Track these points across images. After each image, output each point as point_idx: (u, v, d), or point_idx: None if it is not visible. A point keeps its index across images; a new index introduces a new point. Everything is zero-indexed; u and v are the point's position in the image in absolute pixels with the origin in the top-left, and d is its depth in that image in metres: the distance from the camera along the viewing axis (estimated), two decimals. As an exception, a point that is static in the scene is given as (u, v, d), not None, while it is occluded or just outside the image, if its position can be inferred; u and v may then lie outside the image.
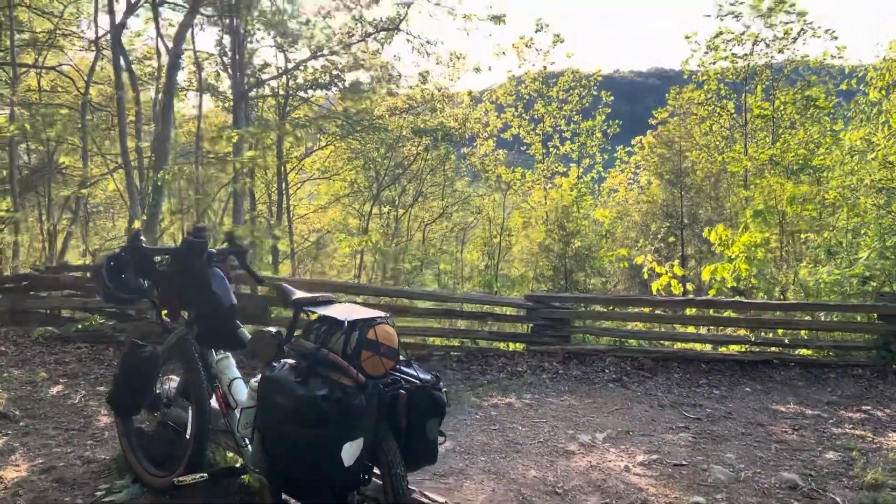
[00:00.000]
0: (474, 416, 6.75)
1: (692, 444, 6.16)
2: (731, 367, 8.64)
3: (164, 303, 4.25)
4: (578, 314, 9.26)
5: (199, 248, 4.06)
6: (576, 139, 27.79)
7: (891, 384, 8.01)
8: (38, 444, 5.36)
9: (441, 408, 3.24)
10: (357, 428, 3.04)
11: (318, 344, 3.30)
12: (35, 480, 4.68)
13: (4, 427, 5.71)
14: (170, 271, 4.20)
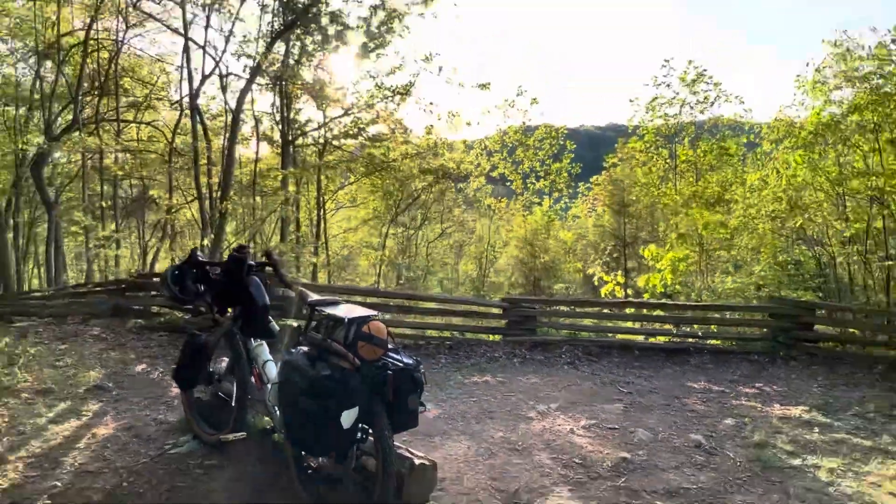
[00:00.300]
0: (458, 391, 6.79)
1: (623, 412, 6.19)
2: (657, 354, 8.66)
3: (215, 303, 4.32)
4: (542, 313, 9.31)
5: (240, 262, 4.12)
6: (548, 177, 27.89)
7: (778, 367, 8.03)
8: (124, 408, 5.42)
9: (419, 385, 3.29)
10: (353, 400, 3.09)
11: (325, 335, 3.36)
12: (120, 436, 4.73)
13: (100, 395, 5.76)
14: (220, 279, 4.27)
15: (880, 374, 7.50)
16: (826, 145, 9.44)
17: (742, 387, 7.28)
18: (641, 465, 4.80)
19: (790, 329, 8.21)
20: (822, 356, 8.13)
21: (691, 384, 7.37)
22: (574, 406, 6.29)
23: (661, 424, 5.80)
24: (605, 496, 4.23)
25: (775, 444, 5.29)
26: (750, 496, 4.35)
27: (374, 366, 3.15)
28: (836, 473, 4.75)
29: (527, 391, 6.83)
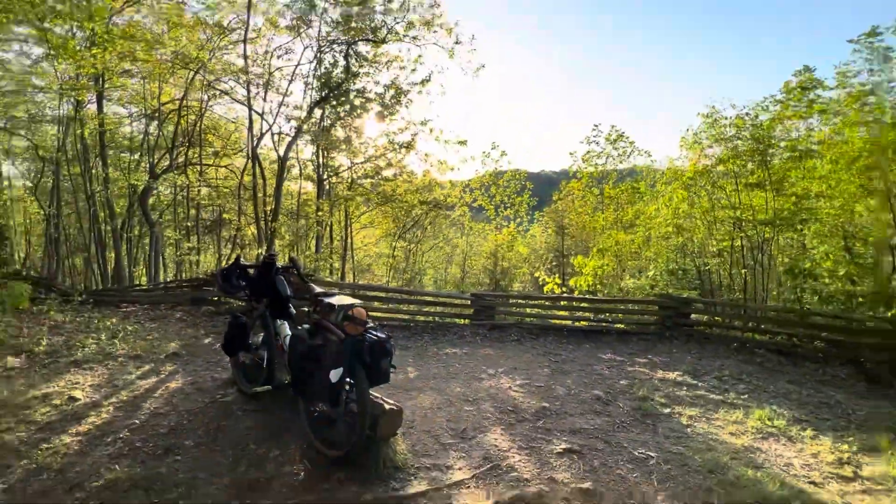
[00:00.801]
0: (433, 359, 6.79)
1: (549, 375, 6.21)
2: (580, 334, 8.66)
3: (252, 293, 4.39)
4: (499, 304, 9.31)
5: (269, 265, 4.21)
6: (513, 207, 28.05)
7: (664, 344, 8.05)
8: (191, 369, 5.46)
9: (389, 353, 3.36)
10: (338, 362, 3.16)
11: (322, 317, 3.44)
12: (185, 388, 4.77)
13: (175, 360, 5.80)
14: (256, 277, 4.35)
15: (735, 350, 7.57)
16: (701, 187, 9.59)
17: (637, 357, 7.33)
18: (556, 412, 4.87)
19: (673, 317, 8.29)
20: (696, 336, 8.19)
21: (601, 355, 7.41)
22: (515, 370, 6.33)
23: (574, 384, 5.84)
24: (527, 433, 4.30)
25: (654, 398, 5.36)
26: (630, 434, 4.42)
27: (355, 338, 3.24)
28: (694, 419, 4.83)
29: (483, 360, 6.86)
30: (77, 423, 3.89)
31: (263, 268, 4.24)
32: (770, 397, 5.69)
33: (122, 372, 5.17)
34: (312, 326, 3.37)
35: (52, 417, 3.95)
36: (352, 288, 9.58)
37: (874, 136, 8.46)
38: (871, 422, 4.96)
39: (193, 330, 7.63)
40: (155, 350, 6.09)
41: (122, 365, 5.42)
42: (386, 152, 17.25)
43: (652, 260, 11.25)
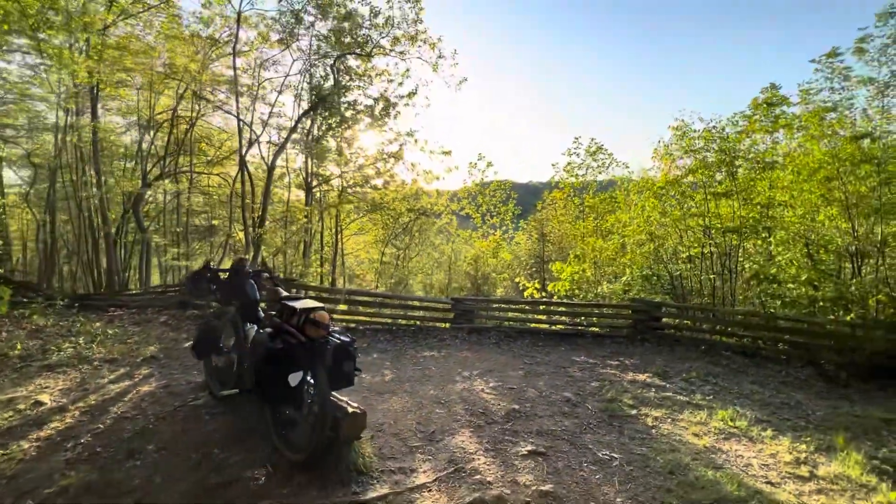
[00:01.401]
0: (410, 362, 6.66)
1: (523, 377, 6.10)
2: (556, 337, 8.59)
3: (223, 297, 4.23)
4: (478, 308, 9.20)
5: (239, 269, 4.06)
6: (498, 216, 28.13)
7: (636, 347, 7.99)
8: (166, 373, 5.27)
9: (352, 356, 3.22)
10: (298, 365, 3.02)
11: (285, 320, 3.30)
12: (157, 392, 4.59)
13: (152, 363, 5.61)
14: (226, 281, 4.20)
15: (703, 352, 7.52)
16: (671, 196, 9.59)
17: (609, 360, 7.24)
18: (525, 413, 4.75)
19: (645, 320, 8.23)
20: (667, 339, 8.14)
21: (575, 358, 7.32)
22: (489, 373, 6.21)
23: (546, 386, 5.73)
24: (495, 435, 4.17)
25: (622, 399, 5.26)
26: (597, 435, 4.31)
27: (317, 342, 3.10)
28: (659, 420, 4.74)
29: (459, 362, 6.73)
30: (39, 428, 3.69)
31: (233, 272, 4.09)
32: (734, 398, 5.62)
33: (95, 376, 4.96)
34: (273, 330, 3.23)
35: (13, 422, 3.75)
36: (334, 292, 9.41)
37: (833, 148, 8.53)
38: (829, 421, 4.91)
39: (175, 333, 7.41)
40: (133, 353, 5.87)
41: (97, 369, 5.21)
42: (375, 162, 17.18)
43: (627, 266, 11.21)
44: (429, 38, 11.52)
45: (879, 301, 7.56)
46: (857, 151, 8.54)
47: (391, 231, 19.09)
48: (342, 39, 11.32)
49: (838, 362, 6.42)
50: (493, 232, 27.84)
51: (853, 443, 4.34)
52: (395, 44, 11.92)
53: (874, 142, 8.56)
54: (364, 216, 19.99)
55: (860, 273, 8.25)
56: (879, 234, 8.43)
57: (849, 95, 9.87)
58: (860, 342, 6.49)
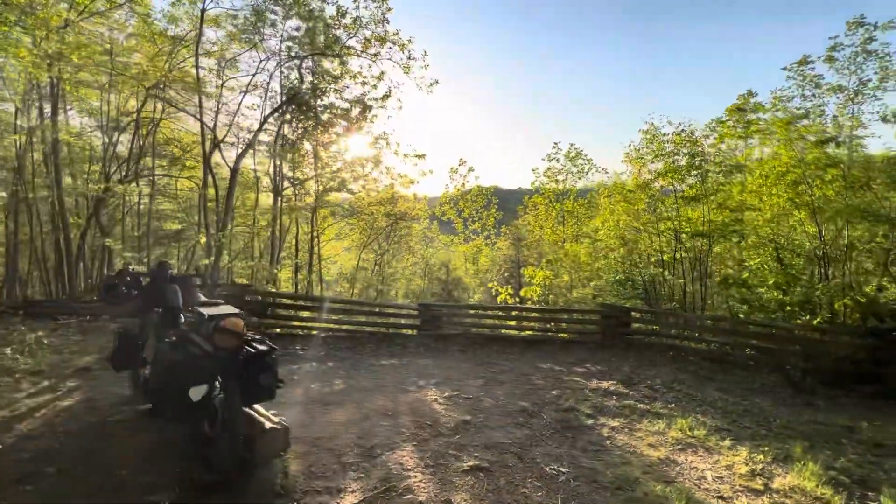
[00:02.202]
0: (367, 371, 6.37)
1: (482, 386, 5.87)
2: (525, 343, 8.40)
3: (145, 304, 3.93)
4: (446, 314, 8.96)
5: (161, 274, 3.77)
6: (479, 221, 28.06)
7: (605, 352, 7.82)
8: (95, 385, 4.93)
9: (269, 368, 2.97)
10: (201, 378, 2.75)
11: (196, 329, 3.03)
12: (76, 407, 4.26)
13: (83, 376, 5.25)
14: (147, 286, 3.90)
15: (671, 358, 7.39)
16: (641, 200, 9.51)
17: (575, 366, 7.06)
18: (477, 425, 4.51)
19: (614, 326, 8.08)
20: (636, 345, 8.00)
21: (541, 365, 7.12)
22: (448, 381, 5.96)
23: (505, 395, 5.51)
24: (438, 449, 3.92)
25: (580, 408, 5.06)
26: (548, 448, 4.09)
27: (227, 352, 2.83)
28: (616, 430, 4.54)
29: (419, 371, 6.47)
30: (-75, 449, 3.33)
31: (154, 277, 3.79)
32: (697, 406, 5.46)
33: (13, 390, 4.59)
34: (178, 340, 2.95)
35: None
36: (293, 298, 9.10)
37: (799, 152, 8.53)
38: (790, 429, 4.76)
39: (121, 343, 7.01)
40: (64, 365, 5.50)
41: (17, 381, 4.83)
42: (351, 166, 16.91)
43: (601, 271, 11.10)
44: (399, 39, 11.36)
45: (846, 305, 7.53)
46: (823, 156, 8.56)
47: (368, 236, 18.79)
48: (313, 40, 11.09)
49: (804, 368, 6.32)
50: (476, 237, 27.81)
51: (812, 452, 4.19)
52: (366, 46, 11.72)
53: (839, 146, 8.59)
54: (341, 221, 19.69)
55: (828, 277, 8.23)
56: (846, 238, 8.43)
57: (819, 103, 9.93)
58: (826, 347, 6.41)
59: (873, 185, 7.65)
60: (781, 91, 10.24)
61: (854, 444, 4.40)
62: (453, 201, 28.26)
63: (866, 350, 6.09)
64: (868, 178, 7.91)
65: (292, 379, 5.72)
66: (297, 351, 7.21)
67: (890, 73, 9.34)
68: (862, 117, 9.62)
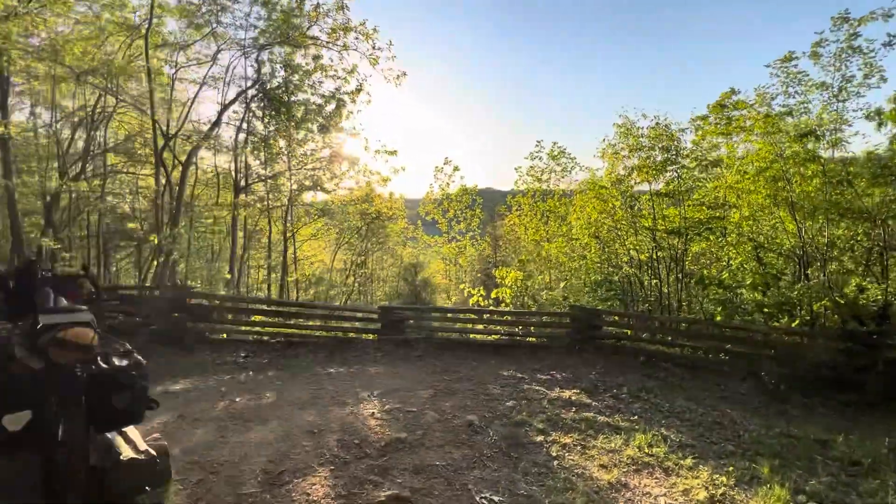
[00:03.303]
0: (309, 380, 5.86)
1: (432, 397, 5.39)
2: (492, 349, 7.91)
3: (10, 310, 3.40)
4: (409, 317, 8.46)
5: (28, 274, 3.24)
6: (465, 221, 27.62)
7: (573, 358, 7.38)
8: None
9: (125, 386, 2.45)
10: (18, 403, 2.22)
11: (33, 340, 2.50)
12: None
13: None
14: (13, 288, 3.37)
15: (642, 364, 6.97)
16: (615, 198, 9.12)
17: (539, 374, 6.62)
18: (411, 444, 4.04)
19: (584, 329, 7.65)
20: (606, 350, 7.57)
21: (503, 372, 6.66)
22: (394, 392, 5.48)
23: (453, 407, 5.04)
24: (358, 475, 3.45)
25: (533, 422, 4.61)
26: (486, 471, 3.64)
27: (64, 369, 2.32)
28: (567, 448, 4.09)
29: (366, 380, 5.98)
30: None
31: (21, 277, 3.25)
32: (663, 417, 5.04)
33: None
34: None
35: None
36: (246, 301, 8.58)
37: (779, 145, 8.20)
38: (760, 444, 4.35)
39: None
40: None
41: None
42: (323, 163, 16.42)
43: (578, 271, 10.69)
44: (364, 29, 10.89)
45: (826, 307, 7.18)
46: (802, 150, 8.22)
47: (343, 236, 18.24)
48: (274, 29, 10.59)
49: (780, 374, 5.93)
50: (462, 238, 27.32)
51: (781, 471, 3.78)
52: (332, 36, 11.24)
53: (819, 140, 8.26)
54: (319, 221, 19.13)
55: (806, 276, 7.88)
56: (826, 236, 8.10)
57: (803, 100, 9.63)
58: (803, 352, 6.04)
59: (855, 182, 7.32)
60: (765, 88, 9.96)
61: (828, 463, 4.00)
62: (437, 201, 27.83)
63: (845, 355, 5.72)
64: (849, 174, 7.58)
65: (220, 391, 5.21)
66: (238, 359, 6.69)
67: (874, 69, 9.08)
68: (846, 115, 9.34)
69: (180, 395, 4.99)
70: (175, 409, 4.61)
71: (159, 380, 5.46)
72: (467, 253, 24.67)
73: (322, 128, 16.52)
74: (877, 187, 7.01)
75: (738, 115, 9.98)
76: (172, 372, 5.86)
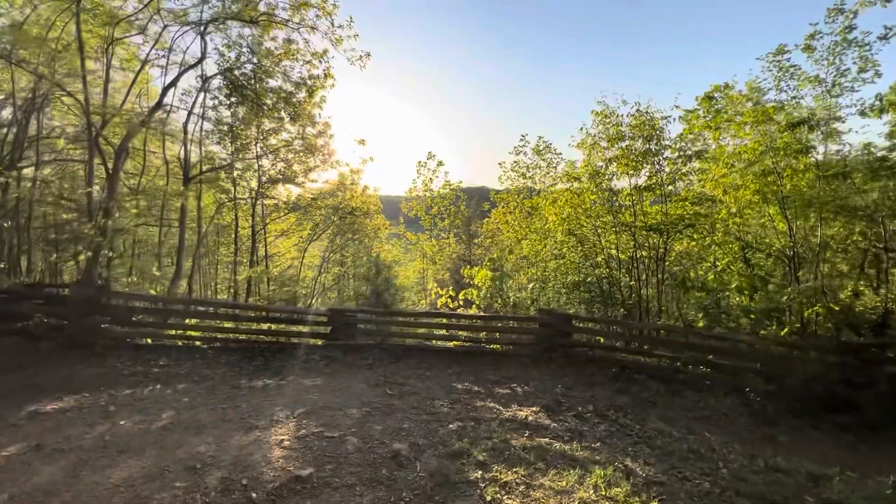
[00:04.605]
0: (225, 396, 5.05)
1: (364, 417, 4.62)
2: (452, 356, 7.19)
3: None
4: (361, 321, 7.71)
5: None
6: (448, 218, 26.88)
7: (539, 368, 6.68)
8: None
9: None
10: None
11: None
12: None
13: None
14: None
15: (614, 376, 6.28)
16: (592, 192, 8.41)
17: (499, 387, 5.90)
18: (314, 484, 3.29)
19: (554, 336, 6.94)
20: (577, 358, 6.88)
21: (458, 384, 5.93)
22: (321, 411, 4.71)
23: (384, 431, 4.29)
24: (224, 533, 2.68)
25: (473, 452, 3.87)
26: (397, 523, 2.89)
27: None
28: (507, 489, 3.36)
29: (294, 395, 5.20)
30: None
31: None
32: (631, 443, 4.33)
33: None
34: None
35: None
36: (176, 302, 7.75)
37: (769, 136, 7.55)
38: (741, 481, 3.65)
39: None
40: None
41: None
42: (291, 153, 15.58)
43: (554, 270, 9.98)
44: (324, 5, 10.05)
45: (818, 313, 6.53)
46: (795, 141, 7.59)
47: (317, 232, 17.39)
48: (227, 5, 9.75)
49: (767, 390, 5.26)
50: (445, 235, 26.55)
51: (765, 522, 3.08)
52: (291, 13, 10.40)
53: (812, 130, 7.63)
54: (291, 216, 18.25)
55: (797, 279, 7.24)
56: (819, 235, 7.47)
57: (795, 94, 9.06)
58: (793, 364, 5.37)
59: (852, 176, 6.69)
60: (757, 82, 9.41)
61: (822, 507, 3.30)
62: (420, 198, 27.04)
63: (840, 369, 5.06)
64: (846, 165, 6.95)
65: (106, 411, 4.40)
66: (153, 368, 5.86)
67: (869, 63, 8.51)
68: (840, 111, 8.82)
69: (52, 417, 4.17)
70: (36, 435, 3.81)
71: (38, 396, 4.64)
72: (446, 251, 23.96)
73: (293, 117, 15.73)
74: (876, 181, 6.37)
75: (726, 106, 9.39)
76: (64, 385, 5.03)
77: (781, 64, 9.22)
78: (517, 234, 16.50)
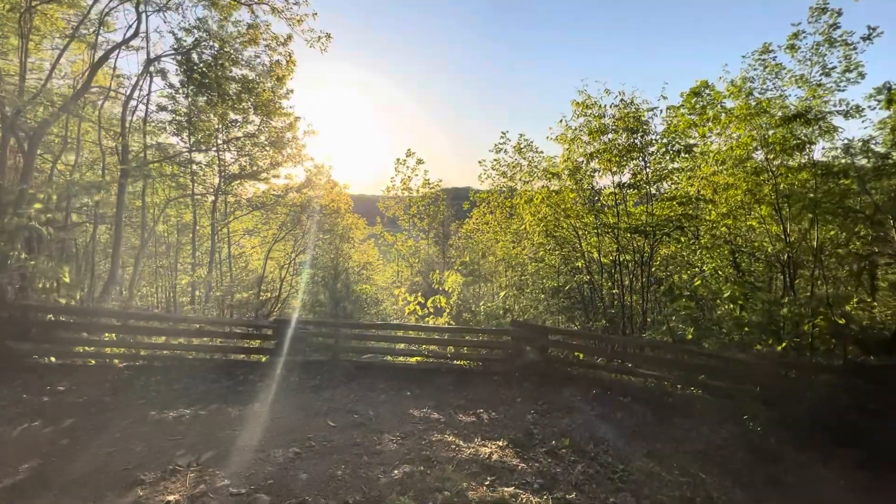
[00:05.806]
0: (119, 433, 4.12)
1: (288, 462, 3.78)
2: (413, 374, 6.39)
3: None
4: (313, 333, 6.84)
5: None
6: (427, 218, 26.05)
7: (511, 388, 5.95)
8: None
9: None
10: None
11: None
12: None
13: None
14: None
15: (594, 398, 5.57)
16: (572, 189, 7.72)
17: (462, 414, 5.13)
18: (190, 574, 2.44)
19: (528, 351, 6.19)
20: (554, 377, 6.16)
21: (415, 411, 5.14)
22: (236, 454, 3.86)
23: (309, 484, 3.48)
24: None
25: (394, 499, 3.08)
26: None
27: None
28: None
29: (207, 431, 4.30)
30: None
31: None
32: (613, 490, 3.61)
33: None
34: None
35: None
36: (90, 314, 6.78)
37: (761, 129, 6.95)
38: (749, 550, 2.93)
39: None
40: None
41: None
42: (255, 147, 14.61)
43: (532, 275, 9.26)
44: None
45: (816, 325, 5.93)
46: (790, 136, 7.01)
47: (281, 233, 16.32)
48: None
49: (768, 418, 4.59)
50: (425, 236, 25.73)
51: None
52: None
53: (808, 125, 7.07)
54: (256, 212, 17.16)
55: (793, 287, 6.65)
56: (815, 239, 6.90)
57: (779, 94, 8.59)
58: (796, 387, 4.72)
59: (853, 172, 6.12)
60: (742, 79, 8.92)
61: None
62: (399, 197, 26.15)
63: (852, 394, 4.43)
64: (843, 164, 6.40)
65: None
66: (42, 398, 4.89)
67: (852, 63, 8.06)
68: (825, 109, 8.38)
69: None
70: None
71: None
72: (422, 254, 23.15)
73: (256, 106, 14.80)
74: (881, 179, 5.80)
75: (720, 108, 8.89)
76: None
77: (767, 62, 8.78)
78: (496, 235, 15.79)
